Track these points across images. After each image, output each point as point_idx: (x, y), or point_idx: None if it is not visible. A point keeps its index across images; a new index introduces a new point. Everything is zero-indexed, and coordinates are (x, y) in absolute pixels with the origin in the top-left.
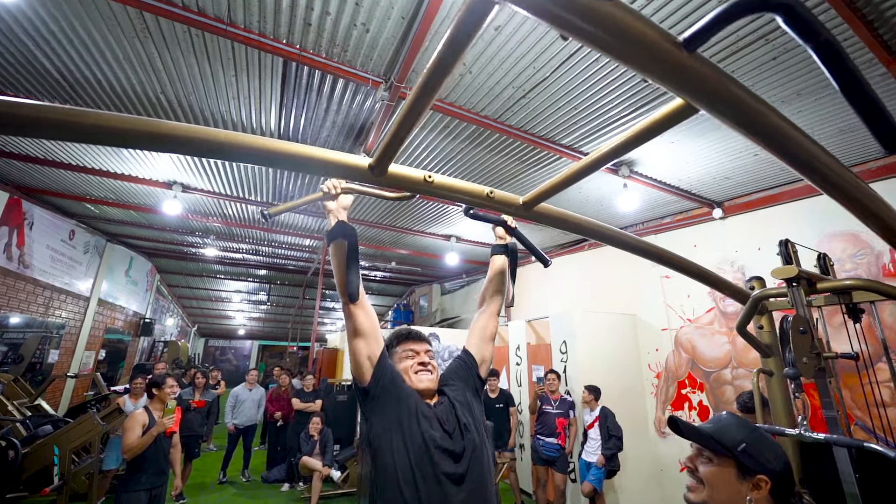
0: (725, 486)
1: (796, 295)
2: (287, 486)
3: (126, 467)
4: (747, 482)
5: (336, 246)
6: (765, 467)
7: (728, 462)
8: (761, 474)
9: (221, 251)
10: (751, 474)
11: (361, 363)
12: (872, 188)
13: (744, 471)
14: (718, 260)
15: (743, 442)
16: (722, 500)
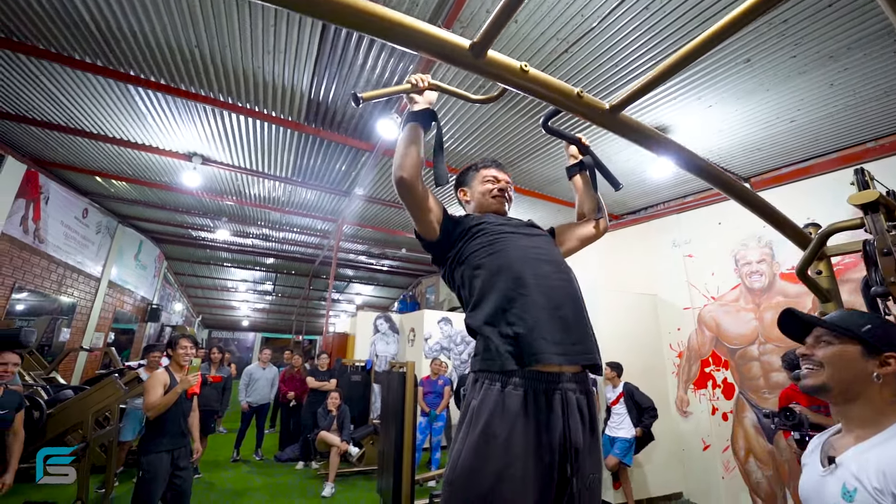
0: (849, 365)
1: (876, 220)
2: (302, 464)
3: (146, 430)
4: (874, 360)
5: (415, 127)
6: (892, 345)
7: (851, 342)
8: (890, 352)
9: (232, 235)
10: (878, 352)
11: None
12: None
13: (870, 349)
14: (745, 236)
15: (868, 324)
16: (846, 378)
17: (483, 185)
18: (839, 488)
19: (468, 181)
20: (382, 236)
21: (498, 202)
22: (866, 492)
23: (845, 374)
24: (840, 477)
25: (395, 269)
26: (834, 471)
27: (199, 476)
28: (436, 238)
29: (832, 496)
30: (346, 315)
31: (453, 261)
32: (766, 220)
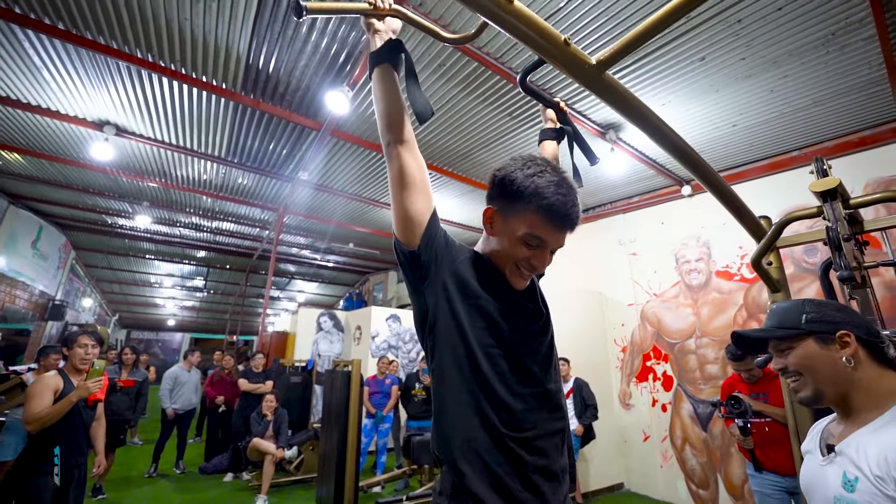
0: (818, 361)
1: (834, 208)
2: (231, 476)
3: (29, 444)
4: (832, 346)
5: (383, 70)
6: (837, 323)
7: (804, 339)
8: (839, 330)
9: (155, 223)
10: (831, 337)
11: (410, 219)
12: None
13: (822, 338)
14: (685, 236)
15: (803, 313)
16: (825, 375)
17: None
18: (840, 477)
19: (512, 211)
20: (329, 229)
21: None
22: (867, 479)
23: (823, 372)
24: (840, 465)
25: (341, 265)
26: (834, 459)
27: (103, 497)
28: (412, 249)
29: (833, 486)
30: (287, 313)
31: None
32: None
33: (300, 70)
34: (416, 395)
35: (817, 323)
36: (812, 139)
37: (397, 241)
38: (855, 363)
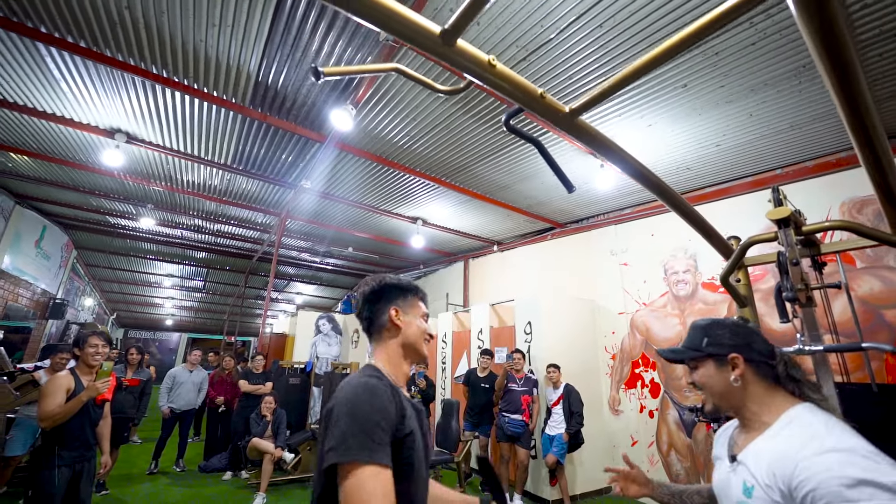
0: (714, 380)
1: (787, 235)
2: (230, 474)
3: (42, 440)
4: (726, 367)
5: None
6: (729, 347)
7: (705, 360)
8: (730, 353)
9: (158, 224)
10: (724, 359)
11: None
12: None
13: (718, 360)
14: (674, 248)
15: (705, 337)
16: (719, 393)
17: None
18: (741, 485)
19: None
20: (329, 233)
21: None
22: (760, 487)
23: (718, 390)
24: (740, 474)
25: (340, 268)
26: (736, 468)
27: (105, 493)
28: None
29: (736, 493)
30: (285, 315)
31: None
32: (697, 230)
33: (307, 88)
34: (413, 397)
35: (714, 346)
36: (792, 159)
37: None
38: (743, 383)
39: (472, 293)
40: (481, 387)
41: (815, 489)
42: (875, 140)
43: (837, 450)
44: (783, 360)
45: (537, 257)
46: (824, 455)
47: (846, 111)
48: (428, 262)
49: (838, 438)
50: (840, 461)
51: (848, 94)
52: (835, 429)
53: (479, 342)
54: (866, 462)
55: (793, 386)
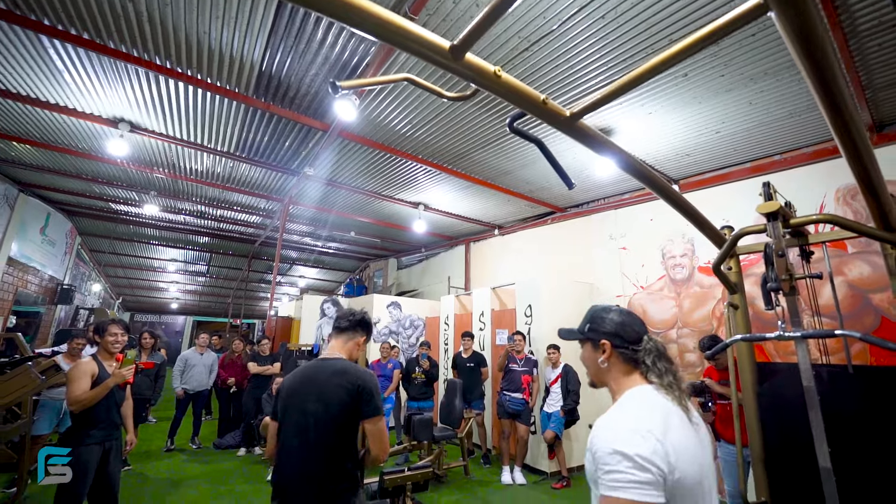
0: (590, 360)
1: (775, 227)
2: (244, 451)
3: (73, 421)
4: (599, 350)
5: None
6: (602, 333)
7: (586, 343)
8: (601, 339)
9: (161, 211)
10: (598, 343)
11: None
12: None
13: (594, 343)
14: (672, 232)
15: (588, 322)
16: (593, 370)
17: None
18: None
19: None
20: (331, 218)
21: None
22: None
23: (592, 368)
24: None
25: (342, 252)
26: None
27: (128, 468)
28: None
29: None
30: (289, 298)
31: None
32: (691, 221)
33: (310, 77)
34: (416, 378)
35: (592, 332)
36: (791, 145)
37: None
38: (609, 364)
39: (473, 276)
40: (467, 366)
41: (596, 453)
42: (855, 135)
43: (612, 426)
44: (647, 347)
45: (538, 241)
46: (605, 428)
47: (826, 107)
48: (429, 246)
49: (621, 416)
50: (610, 434)
51: (827, 92)
52: (630, 409)
53: (480, 325)
54: (625, 436)
55: (645, 370)
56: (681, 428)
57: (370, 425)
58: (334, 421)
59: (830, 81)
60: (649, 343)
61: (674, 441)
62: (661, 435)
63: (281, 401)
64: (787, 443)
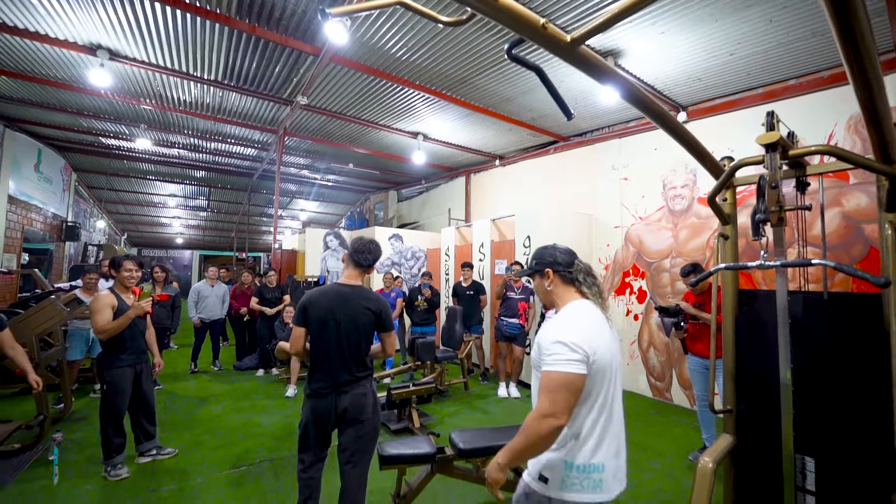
0: (540, 287)
1: (773, 159)
2: (262, 372)
3: (104, 349)
4: (545, 277)
5: None
6: (545, 264)
7: (535, 275)
8: (545, 269)
9: (153, 145)
10: (543, 272)
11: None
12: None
13: (541, 273)
14: (675, 163)
15: (534, 259)
16: (543, 294)
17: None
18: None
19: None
20: (328, 149)
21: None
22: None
23: (542, 293)
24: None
25: (342, 184)
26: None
27: (159, 388)
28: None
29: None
30: (292, 232)
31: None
32: (690, 152)
33: None
34: (419, 305)
35: (537, 265)
36: (808, 68)
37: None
38: (553, 287)
39: (473, 208)
40: (466, 294)
41: (541, 344)
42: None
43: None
44: (578, 268)
45: (539, 172)
46: (551, 328)
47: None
48: (430, 178)
49: (563, 320)
50: (554, 330)
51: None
52: (571, 315)
53: (480, 255)
54: (564, 331)
55: (579, 285)
56: (602, 327)
57: (386, 336)
58: (363, 333)
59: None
60: (580, 265)
61: (596, 335)
62: (588, 330)
63: (312, 313)
64: (756, 362)
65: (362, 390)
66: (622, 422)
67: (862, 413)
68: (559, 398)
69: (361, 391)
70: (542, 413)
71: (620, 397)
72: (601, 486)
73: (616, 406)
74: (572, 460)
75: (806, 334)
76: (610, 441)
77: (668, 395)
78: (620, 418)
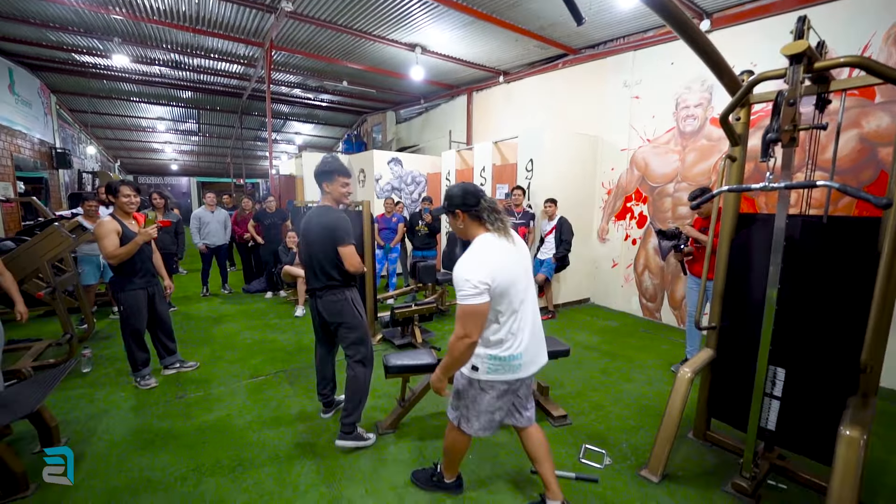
0: (453, 225)
1: (795, 72)
2: (270, 294)
3: (115, 273)
4: (457, 217)
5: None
6: (455, 205)
7: (448, 214)
8: (455, 210)
9: (132, 62)
10: (454, 213)
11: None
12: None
13: (453, 214)
14: (691, 79)
15: (446, 201)
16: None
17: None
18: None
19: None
20: (320, 65)
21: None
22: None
23: (456, 230)
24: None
25: (336, 104)
26: None
27: (174, 309)
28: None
29: None
30: (287, 156)
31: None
32: (710, 66)
33: None
34: (420, 230)
35: (450, 206)
36: None
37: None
38: (464, 224)
39: (475, 130)
40: None
41: (455, 280)
42: None
43: (464, 262)
44: (483, 206)
45: (545, 89)
46: (461, 264)
47: None
48: (429, 97)
49: (470, 256)
50: (463, 267)
51: None
52: (476, 250)
53: (481, 179)
54: (471, 267)
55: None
56: (504, 253)
57: (341, 248)
58: (321, 247)
59: None
60: (484, 204)
61: (496, 265)
62: (488, 262)
63: (300, 232)
64: (745, 283)
65: (333, 297)
66: (535, 318)
67: (837, 329)
68: (469, 323)
69: (332, 297)
70: (458, 336)
71: (533, 298)
72: (519, 369)
73: (528, 309)
74: (496, 354)
75: (798, 256)
76: (525, 336)
77: (657, 315)
78: (533, 317)
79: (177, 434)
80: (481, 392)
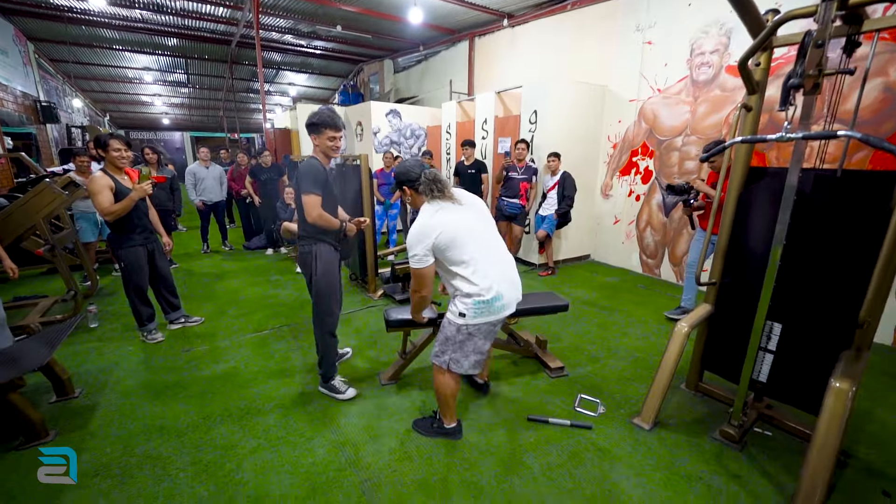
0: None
1: (827, 9)
2: (271, 251)
3: (112, 230)
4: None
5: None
6: (400, 182)
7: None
8: (403, 185)
9: (109, 5)
10: (401, 188)
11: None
12: None
13: (400, 189)
14: (708, 22)
15: (396, 178)
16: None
17: (326, 140)
18: None
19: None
20: (311, 7)
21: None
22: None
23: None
24: None
25: (330, 52)
26: None
27: (175, 266)
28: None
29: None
30: (282, 109)
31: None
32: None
33: None
34: None
35: (398, 182)
36: None
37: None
38: (411, 197)
39: (477, 79)
40: (468, 173)
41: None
42: None
43: (412, 231)
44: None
45: (552, 34)
46: (410, 232)
47: None
48: (428, 43)
49: (416, 225)
50: (410, 236)
51: None
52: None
53: (483, 132)
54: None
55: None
56: (447, 213)
57: (303, 196)
58: (298, 200)
59: None
60: (425, 177)
61: (438, 227)
62: (428, 231)
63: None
64: (750, 239)
65: (303, 248)
66: (505, 258)
67: (838, 285)
68: (419, 282)
69: (302, 249)
70: (413, 290)
71: (496, 240)
72: (503, 309)
73: (493, 252)
74: (479, 299)
75: (807, 211)
76: (500, 279)
77: (657, 272)
78: (502, 258)
79: (185, 385)
80: (469, 336)
